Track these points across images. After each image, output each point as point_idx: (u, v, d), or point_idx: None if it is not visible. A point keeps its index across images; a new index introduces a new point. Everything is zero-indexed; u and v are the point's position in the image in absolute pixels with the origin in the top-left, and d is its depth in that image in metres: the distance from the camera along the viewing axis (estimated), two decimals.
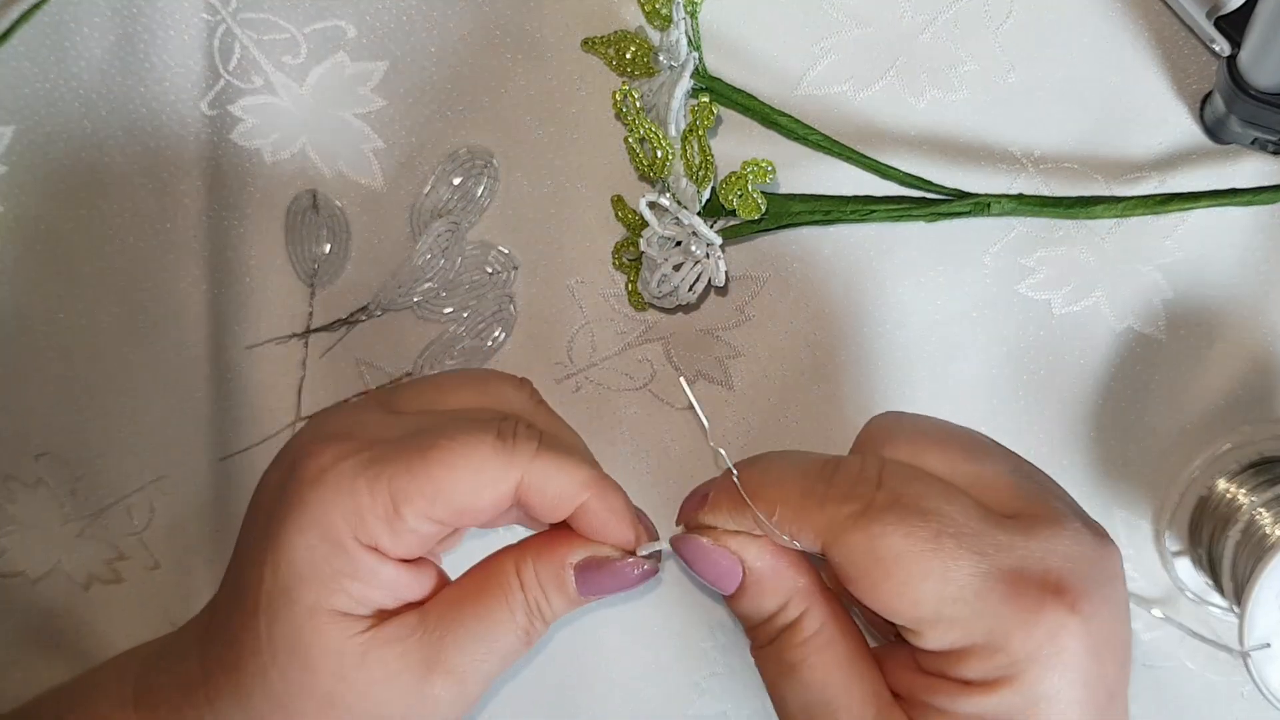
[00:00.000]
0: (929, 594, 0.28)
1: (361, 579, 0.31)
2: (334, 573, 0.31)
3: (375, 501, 0.31)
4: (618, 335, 0.46)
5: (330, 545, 0.31)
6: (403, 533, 0.31)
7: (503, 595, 0.33)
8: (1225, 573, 0.42)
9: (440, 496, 0.31)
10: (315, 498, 0.31)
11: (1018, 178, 0.45)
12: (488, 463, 0.31)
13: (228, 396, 0.47)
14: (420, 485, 0.31)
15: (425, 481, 0.31)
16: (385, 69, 0.45)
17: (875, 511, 0.28)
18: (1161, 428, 0.46)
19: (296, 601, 0.31)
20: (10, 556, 0.47)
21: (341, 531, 0.31)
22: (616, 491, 0.34)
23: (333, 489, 0.31)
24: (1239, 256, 0.45)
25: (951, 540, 0.28)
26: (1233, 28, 0.40)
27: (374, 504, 0.31)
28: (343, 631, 0.31)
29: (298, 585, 0.31)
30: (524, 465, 0.32)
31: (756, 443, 0.47)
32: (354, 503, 0.31)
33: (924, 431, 0.31)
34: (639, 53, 0.44)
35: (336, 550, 0.31)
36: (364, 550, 0.31)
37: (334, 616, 0.31)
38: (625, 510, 0.33)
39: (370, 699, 0.31)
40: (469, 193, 0.46)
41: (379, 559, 0.31)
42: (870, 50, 0.45)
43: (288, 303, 0.46)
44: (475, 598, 0.33)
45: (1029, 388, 0.46)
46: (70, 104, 0.45)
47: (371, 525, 0.31)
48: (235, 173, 0.46)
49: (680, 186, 0.42)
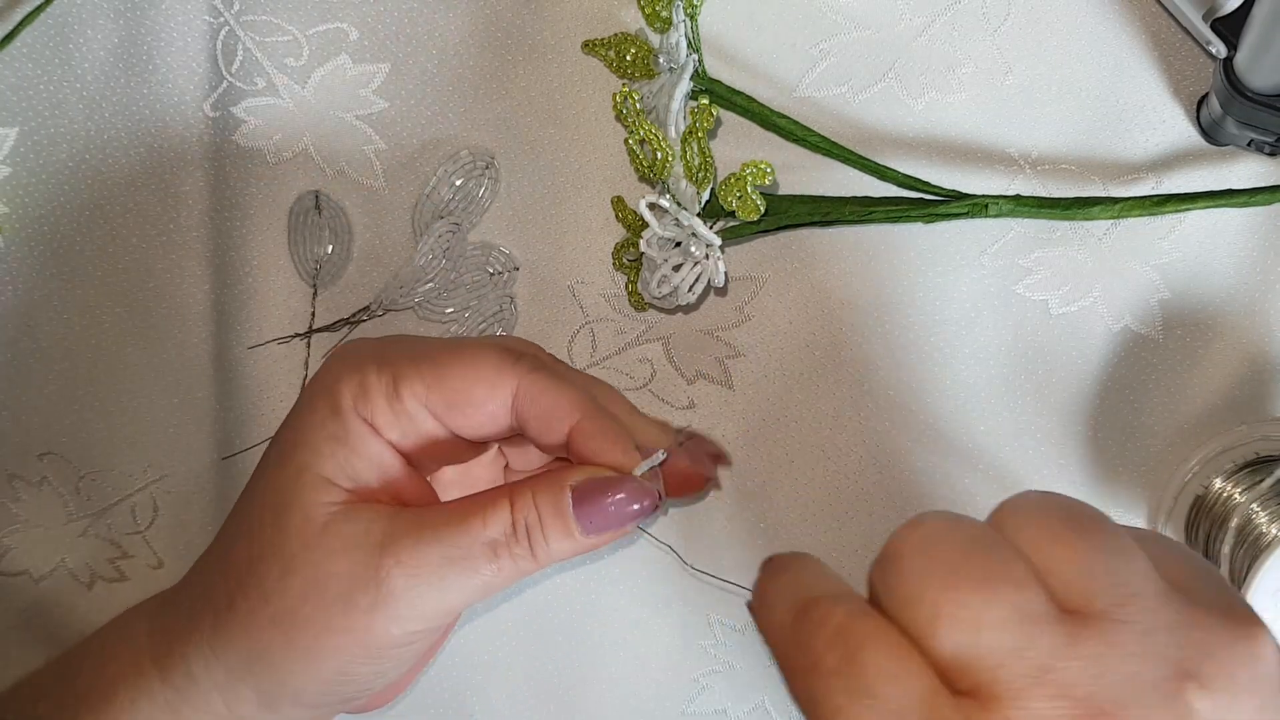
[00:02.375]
0: None
1: (351, 447, 0.33)
2: (328, 436, 0.33)
3: (380, 379, 0.33)
4: (618, 335, 0.47)
5: (332, 410, 0.33)
6: (400, 414, 0.33)
7: (481, 507, 0.33)
8: (1222, 571, 0.42)
9: (438, 384, 0.33)
10: (329, 370, 0.34)
11: (1015, 179, 0.45)
12: (487, 362, 0.34)
13: (230, 396, 0.47)
14: (422, 372, 0.33)
15: (427, 369, 0.33)
16: (387, 71, 0.46)
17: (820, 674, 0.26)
18: (1158, 427, 0.46)
19: (290, 462, 0.33)
20: (14, 555, 0.48)
21: (345, 400, 0.33)
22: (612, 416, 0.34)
23: (346, 364, 0.34)
24: (1235, 257, 0.45)
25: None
26: (1229, 30, 0.41)
27: (379, 381, 0.33)
28: (320, 494, 0.33)
29: (295, 447, 0.33)
30: (520, 375, 0.34)
31: (756, 443, 0.47)
32: (360, 377, 0.33)
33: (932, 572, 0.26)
34: (639, 55, 0.44)
35: (336, 416, 0.33)
36: (360, 421, 0.33)
37: (318, 480, 0.33)
38: (620, 432, 0.34)
39: (320, 566, 0.32)
40: (470, 194, 0.46)
41: (372, 432, 0.33)
42: (869, 52, 0.45)
43: (290, 303, 0.46)
44: (454, 506, 0.33)
45: (1026, 387, 0.46)
46: (74, 105, 0.46)
47: (373, 400, 0.33)
48: (238, 174, 0.46)
49: (680, 188, 0.42)
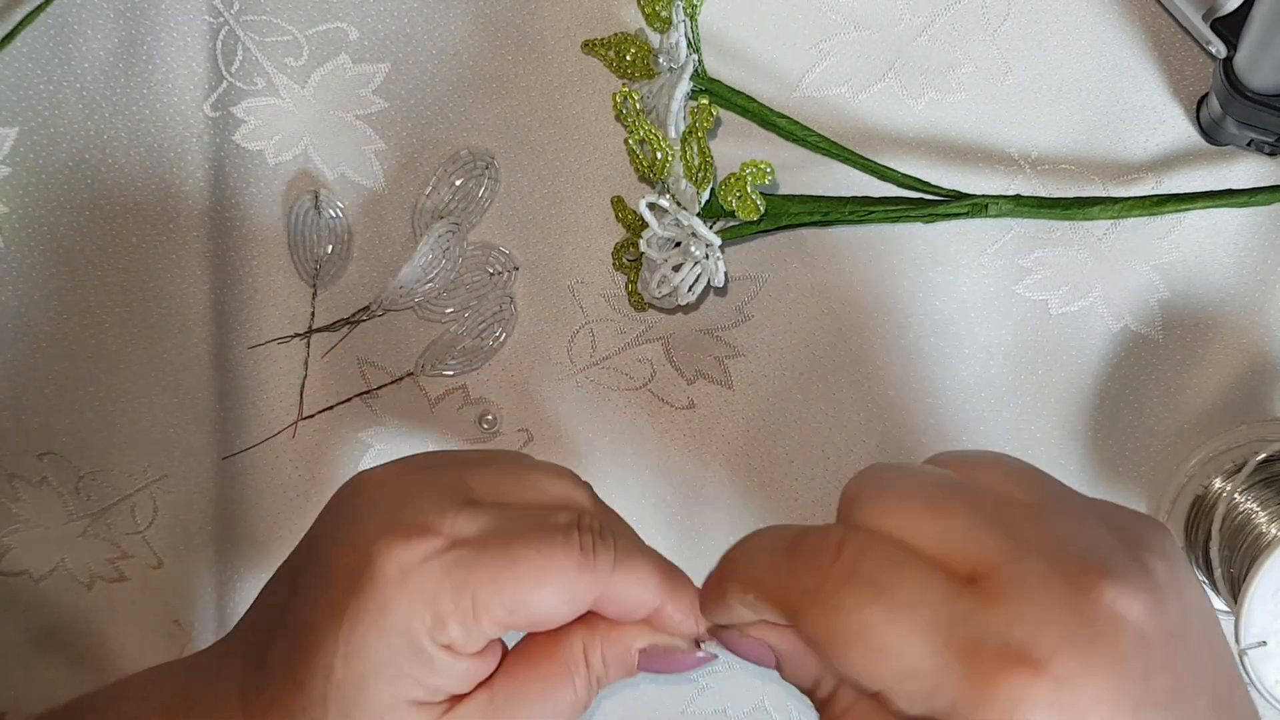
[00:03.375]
0: (887, 669, 0.27)
1: (436, 673, 0.32)
2: (411, 668, 0.31)
3: (457, 608, 0.31)
4: (618, 335, 0.47)
5: (408, 646, 0.31)
6: (477, 635, 0.32)
7: (568, 672, 0.34)
8: (1221, 571, 0.42)
9: (521, 609, 0.31)
10: (397, 600, 0.31)
11: (1015, 179, 0.45)
12: (571, 578, 0.32)
13: (230, 396, 0.47)
14: (504, 597, 0.31)
15: (510, 594, 0.31)
16: (387, 71, 0.46)
17: (831, 586, 0.28)
18: (1158, 427, 0.46)
19: (372, 695, 0.31)
20: (14, 555, 0.48)
21: (420, 635, 0.31)
22: (687, 590, 0.34)
23: (418, 593, 0.31)
24: (1235, 257, 0.45)
25: (905, 614, 0.27)
26: (1229, 30, 0.41)
27: (456, 610, 0.31)
28: (419, 718, 0.32)
29: (373, 680, 0.31)
30: (604, 581, 0.32)
31: (756, 443, 0.47)
32: (437, 609, 0.31)
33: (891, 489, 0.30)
34: (639, 55, 0.44)
35: (415, 651, 0.31)
36: (440, 650, 0.31)
37: (411, 707, 0.32)
38: (694, 609, 0.34)
39: None
40: (470, 194, 0.46)
41: (454, 656, 0.32)
42: (868, 52, 0.45)
43: (290, 303, 0.46)
44: (541, 673, 0.34)
45: (1026, 387, 0.46)
46: (74, 105, 0.46)
47: (452, 629, 0.31)
48: (238, 174, 0.46)
49: (680, 188, 0.42)
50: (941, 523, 0.28)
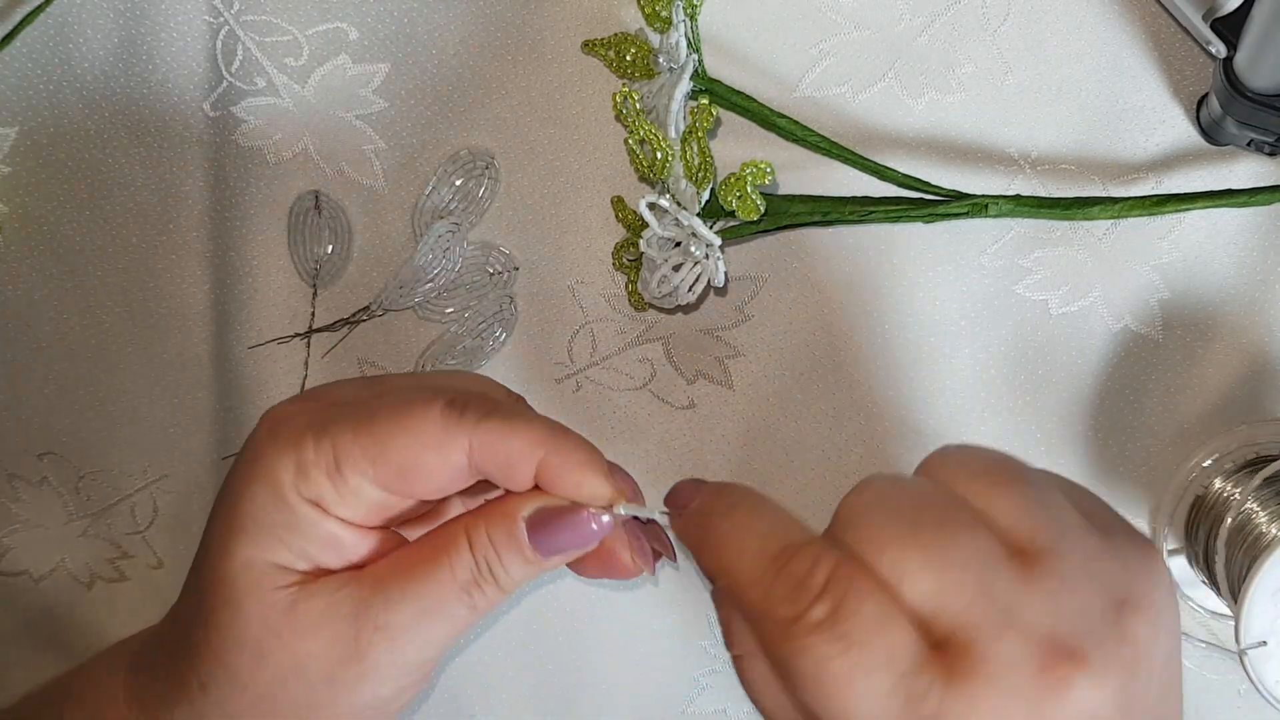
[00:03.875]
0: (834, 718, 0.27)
1: (301, 532, 0.31)
2: (273, 524, 0.31)
3: (319, 456, 0.31)
4: (618, 335, 0.47)
5: (273, 495, 0.31)
6: (346, 493, 0.31)
7: (445, 552, 0.32)
8: (1221, 571, 0.42)
9: (381, 458, 0.31)
10: (263, 449, 0.31)
11: (1015, 179, 0.45)
12: (432, 426, 0.31)
13: (230, 396, 0.47)
14: (363, 444, 0.31)
15: (368, 440, 0.31)
16: (387, 71, 0.46)
17: (804, 626, 0.27)
18: (1158, 427, 0.46)
19: (233, 552, 0.31)
20: (14, 555, 0.48)
21: (284, 483, 0.31)
22: (580, 445, 0.32)
23: (282, 440, 0.31)
24: (1235, 257, 0.45)
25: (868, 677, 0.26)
26: (1229, 30, 0.41)
27: (318, 458, 0.31)
28: (274, 581, 0.31)
29: (235, 535, 0.31)
30: (470, 429, 0.31)
31: (756, 443, 0.47)
32: (298, 455, 0.31)
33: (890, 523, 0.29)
34: (639, 55, 0.44)
35: (278, 501, 0.31)
36: (305, 504, 0.31)
37: (269, 567, 0.31)
38: (589, 463, 0.32)
39: (297, 651, 0.31)
40: (470, 193, 0.46)
41: (320, 514, 0.31)
42: (868, 52, 0.45)
43: (290, 303, 0.46)
44: (416, 556, 0.32)
45: (1026, 387, 0.46)
46: (74, 105, 0.46)
47: (315, 480, 0.31)
48: (238, 174, 0.46)
49: (680, 188, 0.42)
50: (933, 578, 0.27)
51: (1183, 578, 0.45)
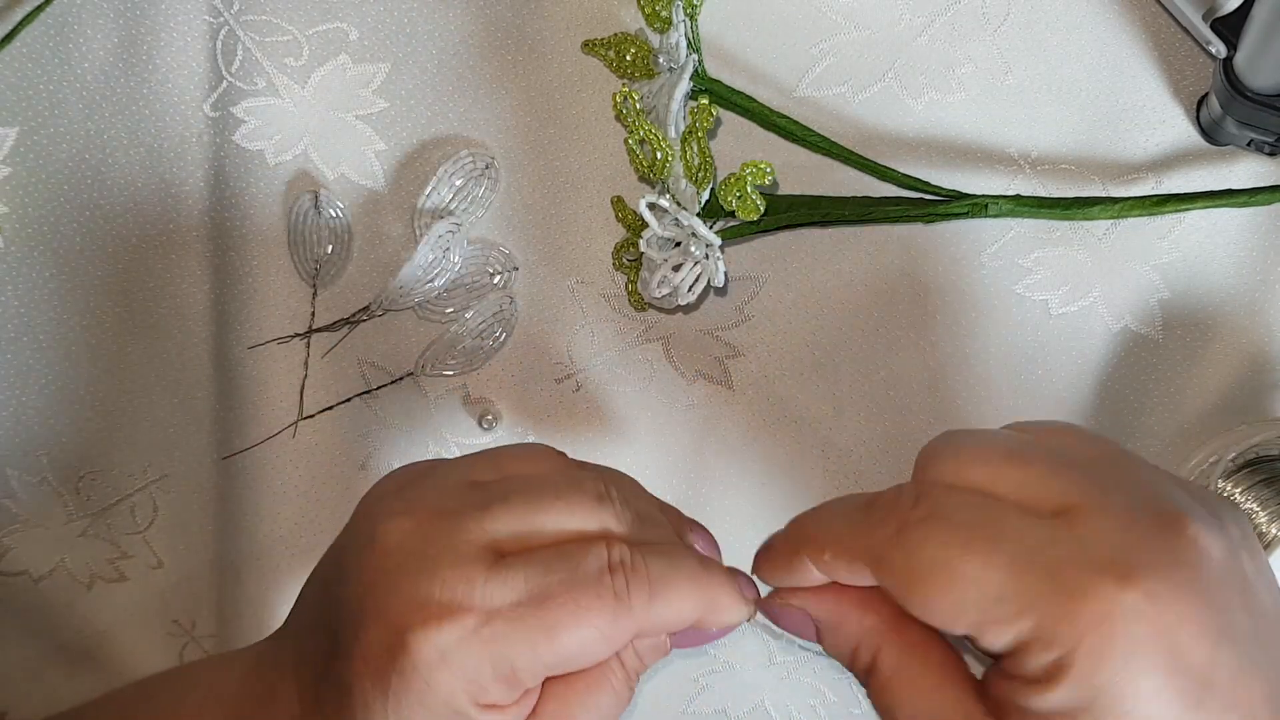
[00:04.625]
0: (971, 597, 0.27)
1: None
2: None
3: (498, 676, 0.31)
4: (618, 335, 0.47)
5: (454, 713, 0.31)
6: (519, 692, 0.32)
7: (605, 675, 0.34)
8: None
9: (561, 665, 0.32)
10: (439, 679, 0.31)
11: (1015, 179, 0.45)
12: (604, 627, 0.32)
13: (230, 396, 0.47)
14: (543, 659, 0.31)
15: (548, 656, 0.31)
16: (387, 71, 0.46)
17: (911, 527, 0.29)
18: (1158, 427, 0.46)
19: None
20: (14, 555, 0.48)
21: (464, 704, 0.31)
22: (729, 596, 0.33)
23: (459, 670, 0.31)
24: (1235, 257, 0.45)
25: (986, 542, 0.27)
26: (1229, 30, 0.41)
27: (495, 678, 0.31)
28: None
29: None
30: (640, 620, 0.32)
31: (756, 443, 0.47)
32: (479, 683, 0.31)
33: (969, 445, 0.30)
34: (639, 55, 0.44)
35: (460, 716, 0.31)
36: (484, 710, 0.32)
37: None
38: (734, 608, 0.34)
39: None
40: (470, 194, 0.46)
41: (499, 712, 0.32)
42: (868, 52, 0.45)
43: (290, 303, 0.46)
44: (580, 686, 0.33)
45: (1026, 387, 0.46)
46: (74, 105, 0.46)
47: (494, 693, 0.31)
48: (238, 174, 0.46)
49: (680, 188, 0.42)
50: (1021, 471, 0.29)
51: None
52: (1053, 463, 0.29)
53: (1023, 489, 0.29)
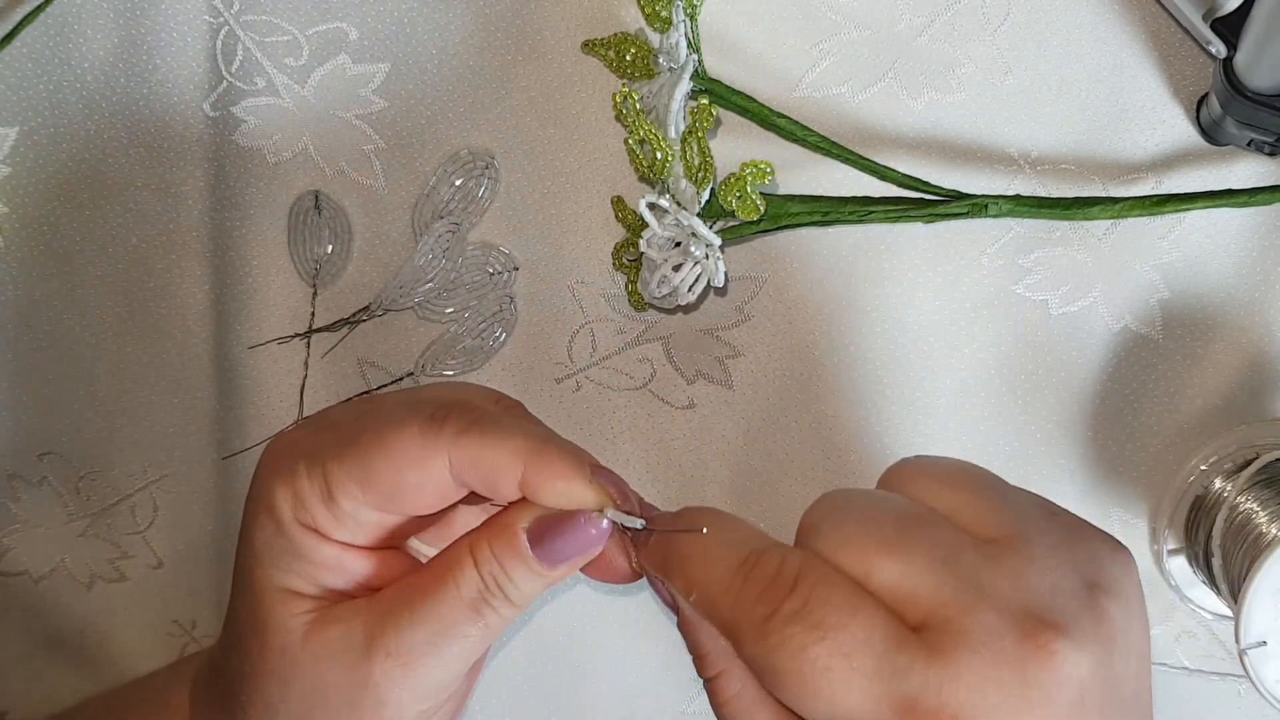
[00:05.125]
0: (822, 710, 0.27)
1: (305, 558, 0.32)
2: (280, 552, 0.32)
3: (313, 484, 0.32)
4: (618, 335, 0.47)
5: (275, 525, 0.32)
6: (343, 517, 0.32)
7: (450, 572, 0.32)
8: (1221, 571, 0.42)
9: (367, 480, 0.31)
10: (264, 480, 0.33)
11: (1015, 179, 0.45)
12: (410, 444, 0.31)
13: (230, 396, 0.47)
14: (349, 469, 0.31)
15: (354, 465, 0.31)
16: (387, 70, 0.46)
17: (779, 621, 0.27)
18: (1158, 427, 0.46)
19: (254, 582, 0.33)
20: (14, 555, 0.48)
21: (284, 512, 0.32)
22: (561, 454, 0.32)
23: (280, 471, 0.32)
24: (1235, 257, 0.45)
25: (847, 661, 0.27)
26: (1229, 30, 0.41)
27: (311, 486, 0.32)
28: (290, 609, 0.32)
29: (253, 565, 0.33)
30: (448, 444, 0.31)
31: (756, 443, 0.47)
32: (294, 485, 0.32)
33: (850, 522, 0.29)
34: (639, 55, 0.44)
35: (280, 530, 0.32)
36: (304, 530, 0.32)
37: (284, 594, 0.32)
38: (570, 470, 0.32)
39: (313, 677, 0.32)
40: (470, 193, 0.46)
41: (319, 539, 0.32)
42: (868, 52, 0.45)
43: (290, 303, 0.46)
44: (424, 579, 0.32)
45: (1026, 387, 0.46)
46: (74, 105, 0.46)
47: (311, 507, 0.32)
48: (238, 174, 0.46)
49: (680, 188, 0.42)
50: (898, 565, 0.28)
51: (1183, 578, 0.45)
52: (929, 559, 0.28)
53: (896, 587, 0.28)
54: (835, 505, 0.30)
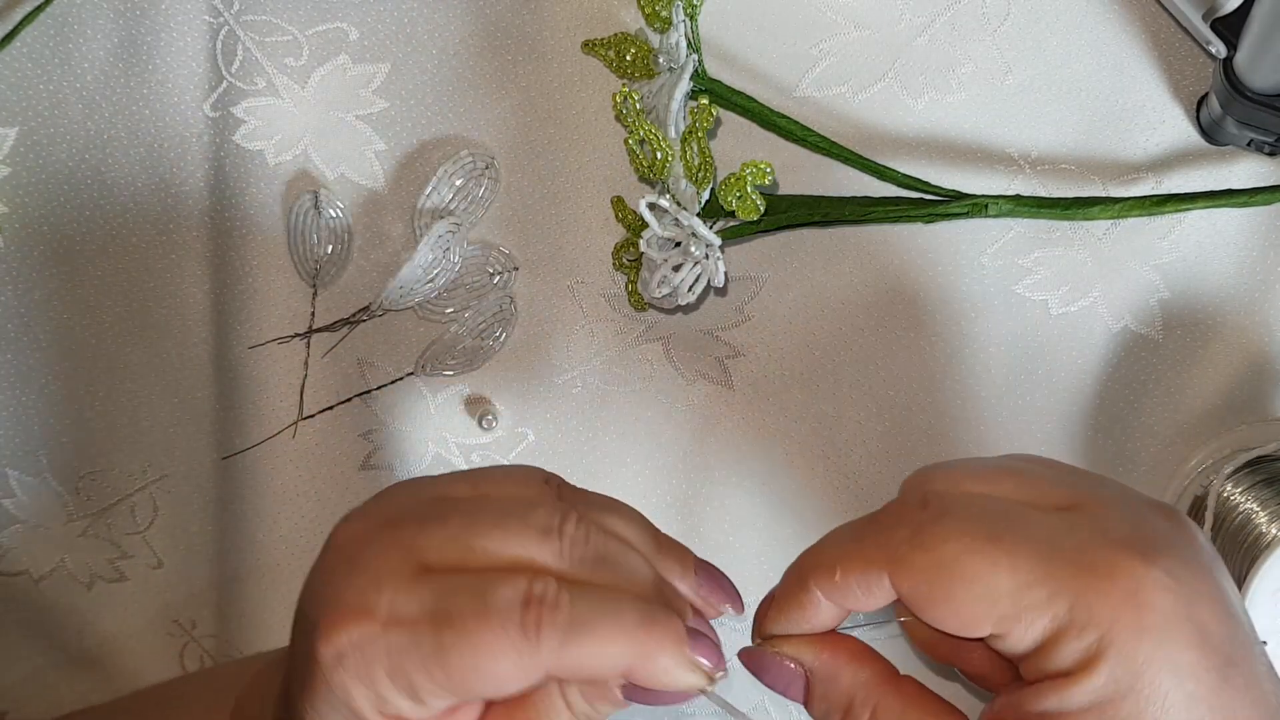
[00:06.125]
0: (1002, 587, 0.27)
1: None
2: None
3: (396, 689, 0.30)
4: (618, 335, 0.47)
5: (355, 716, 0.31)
6: (427, 708, 0.31)
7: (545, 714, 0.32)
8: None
9: (459, 690, 0.30)
10: (337, 683, 0.31)
11: (1015, 179, 0.45)
12: (508, 666, 0.30)
13: (230, 396, 0.47)
14: (439, 681, 0.30)
15: (443, 679, 0.30)
16: (387, 71, 0.46)
17: (928, 526, 0.28)
18: (1158, 427, 0.46)
19: None
20: (14, 555, 0.48)
21: (364, 709, 0.31)
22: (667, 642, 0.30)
23: (354, 677, 0.30)
24: (1235, 257, 0.45)
25: (1010, 531, 0.27)
26: (1229, 30, 0.41)
27: (395, 690, 0.30)
28: None
29: None
30: (549, 660, 0.30)
31: (756, 443, 0.47)
32: (376, 690, 0.30)
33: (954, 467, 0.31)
34: (639, 55, 0.44)
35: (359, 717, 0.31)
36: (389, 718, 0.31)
37: None
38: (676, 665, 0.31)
39: None
40: (470, 194, 0.46)
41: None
42: (868, 52, 0.45)
43: (290, 303, 0.46)
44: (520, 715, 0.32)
45: (1026, 387, 0.46)
46: (74, 106, 0.46)
47: (395, 704, 0.31)
48: (238, 174, 0.46)
49: (680, 188, 0.42)
50: (1016, 478, 0.29)
51: None
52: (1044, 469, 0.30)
53: (1023, 491, 0.29)
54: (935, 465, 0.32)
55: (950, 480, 0.30)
